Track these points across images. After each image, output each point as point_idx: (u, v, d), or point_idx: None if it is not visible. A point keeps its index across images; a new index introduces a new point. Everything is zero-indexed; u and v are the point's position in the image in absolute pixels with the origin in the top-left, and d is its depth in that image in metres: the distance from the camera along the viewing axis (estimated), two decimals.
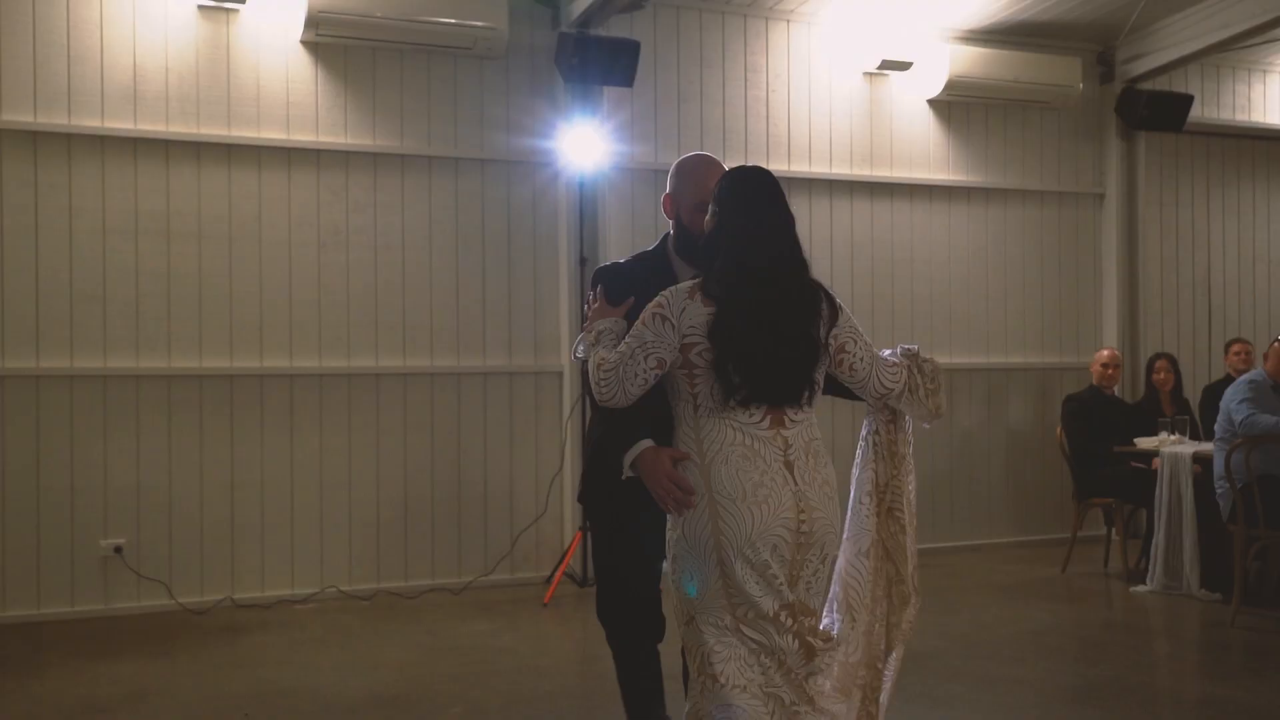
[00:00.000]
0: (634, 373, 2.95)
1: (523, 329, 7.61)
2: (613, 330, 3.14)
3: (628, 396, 2.98)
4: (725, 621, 2.96)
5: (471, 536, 7.44)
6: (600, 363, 3.02)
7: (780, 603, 2.96)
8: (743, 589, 2.92)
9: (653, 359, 2.94)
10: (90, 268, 6.70)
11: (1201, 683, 5.39)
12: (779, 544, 2.94)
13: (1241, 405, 6.31)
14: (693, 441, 2.98)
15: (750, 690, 2.95)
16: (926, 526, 8.57)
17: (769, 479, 2.94)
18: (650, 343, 2.94)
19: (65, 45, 6.66)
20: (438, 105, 7.45)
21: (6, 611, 6.48)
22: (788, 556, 2.96)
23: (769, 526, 2.92)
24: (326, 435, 7.15)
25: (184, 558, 6.83)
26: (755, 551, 2.91)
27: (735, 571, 2.92)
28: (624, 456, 3.07)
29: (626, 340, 2.99)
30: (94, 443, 6.68)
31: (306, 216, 7.15)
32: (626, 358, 2.95)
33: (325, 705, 4.90)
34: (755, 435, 2.96)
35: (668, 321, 2.93)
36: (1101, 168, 9.40)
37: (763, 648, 2.96)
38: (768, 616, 2.94)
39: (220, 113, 6.97)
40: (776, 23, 8.33)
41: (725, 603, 2.95)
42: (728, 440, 2.95)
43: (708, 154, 3.54)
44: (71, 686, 5.21)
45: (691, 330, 2.93)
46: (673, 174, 3.48)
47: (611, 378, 2.97)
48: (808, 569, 3.02)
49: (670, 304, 2.95)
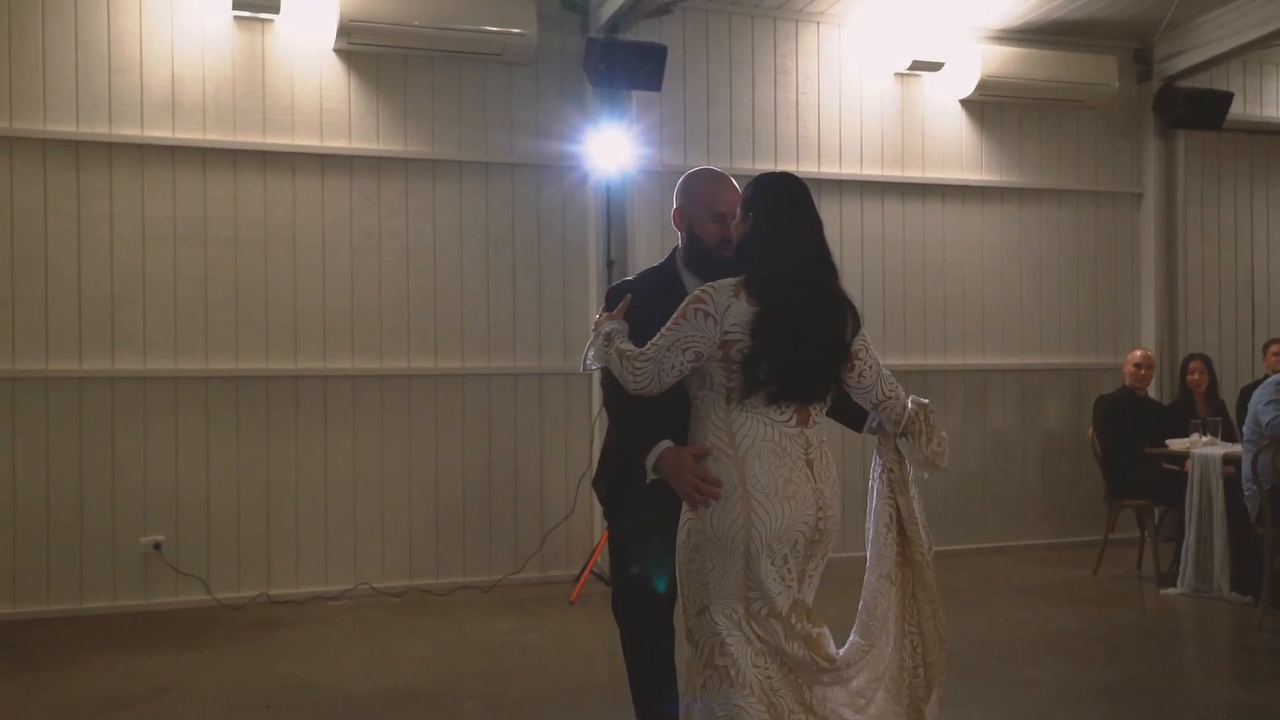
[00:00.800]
0: (671, 364, 3.03)
1: (552, 331, 7.72)
2: (620, 330, 3.23)
3: (661, 386, 3.07)
4: (739, 614, 3.03)
5: (502, 535, 7.56)
6: (631, 354, 3.10)
7: (791, 600, 3.04)
8: (763, 584, 3.00)
9: (691, 353, 3.03)
10: (130, 272, 6.89)
11: (1217, 686, 5.36)
12: (799, 540, 3.05)
13: (1269, 406, 6.25)
14: (724, 434, 3.05)
15: (757, 693, 3.01)
16: (958, 527, 8.62)
17: (796, 475, 3.05)
18: (690, 337, 3.02)
19: (106, 57, 6.87)
20: (468, 111, 7.57)
21: (51, 605, 6.69)
22: (802, 553, 3.07)
23: (794, 523, 3.02)
24: (360, 435, 7.30)
25: (221, 554, 7.01)
26: (781, 545, 3.02)
27: (760, 565, 3.00)
28: (646, 459, 3.15)
29: (664, 333, 3.05)
30: (134, 442, 6.87)
31: (340, 221, 7.31)
32: (664, 350, 3.03)
33: (345, 699, 5.03)
34: (784, 432, 3.06)
35: (710, 317, 3.01)
36: (1139, 167, 9.32)
37: (769, 648, 3.03)
38: (779, 615, 3.02)
39: (255, 120, 7.14)
40: (806, 25, 8.36)
41: (742, 595, 3.02)
42: (760, 435, 3.04)
43: (712, 168, 3.62)
44: (102, 678, 5.38)
45: (735, 327, 3.01)
46: (680, 189, 3.55)
47: (648, 368, 3.05)
48: (811, 565, 3.13)
49: (714, 300, 3.03)
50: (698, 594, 3.07)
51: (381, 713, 4.85)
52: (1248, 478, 6.34)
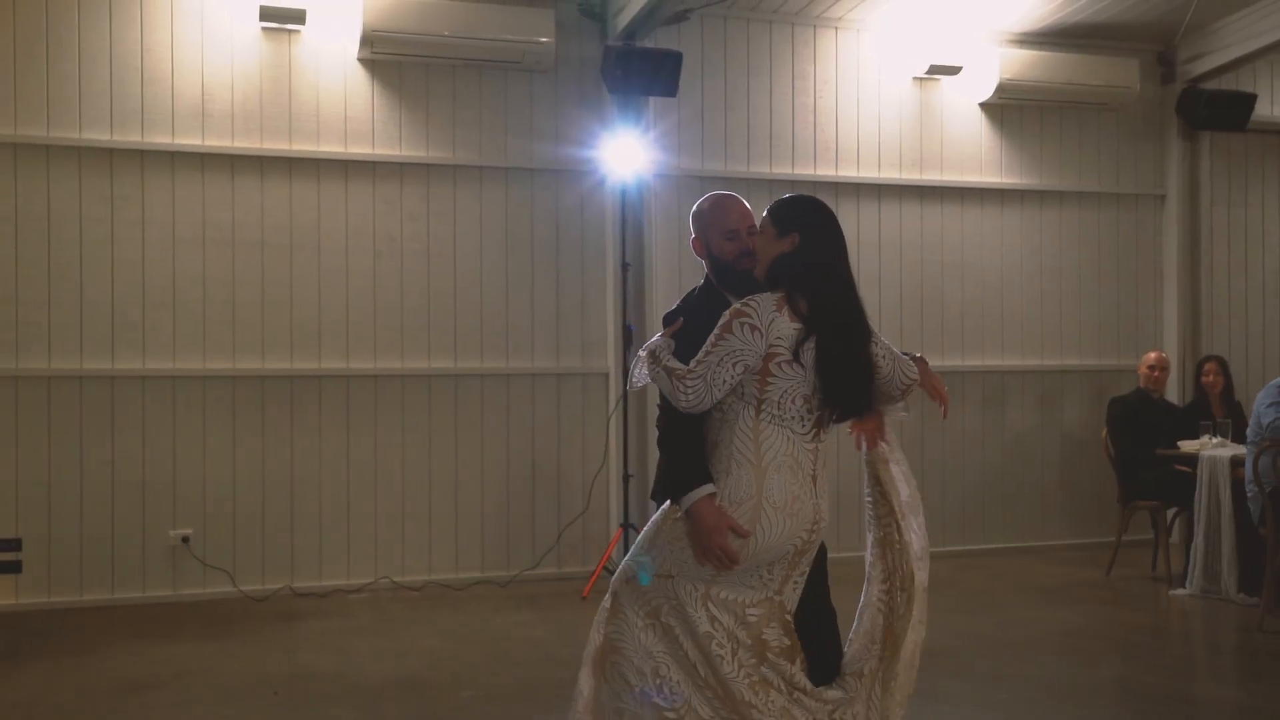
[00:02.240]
0: (722, 379, 3.10)
1: (570, 332, 7.89)
2: (666, 347, 3.29)
3: (712, 399, 3.14)
4: (700, 591, 3.16)
5: (519, 531, 7.75)
6: (680, 371, 3.15)
7: (763, 596, 3.17)
8: (732, 577, 3.14)
9: (740, 366, 3.10)
10: (161, 275, 7.16)
11: (1203, 684, 5.41)
12: (790, 551, 3.17)
13: (1269, 409, 6.29)
14: (750, 443, 3.14)
15: (677, 672, 3.16)
16: (976, 527, 8.68)
17: (803, 491, 3.16)
18: (738, 350, 3.10)
19: (139, 68, 7.14)
20: (488, 118, 7.77)
21: (84, 595, 6.98)
22: (789, 560, 3.19)
23: (791, 536, 3.15)
24: (381, 433, 7.52)
25: (246, 548, 7.26)
26: (770, 555, 3.14)
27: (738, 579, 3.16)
28: (684, 498, 3.17)
29: (711, 349, 3.12)
30: (164, 440, 7.14)
31: (363, 226, 7.53)
32: (715, 365, 3.11)
33: (350, 686, 5.23)
34: (801, 447, 3.17)
35: (756, 330, 3.10)
36: (1162, 169, 9.32)
37: (719, 628, 3.14)
38: (740, 603, 3.15)
39: (282, 128, 7.39)
40: (825, 30, 8.47)
41: (708, 579, 3.15)
42: (782, 449, 3.15)
43: (717, 191, 3.71)
44: (125, 664, 5.63)
45: (778, 341, 3.11)
46: (693, 218, 3.64)
47: (699, 385, 3.11)
48: (798, 570, 3.24)
49: (759, 314, 3.11)
50: (667, 560, 3.19)
51: (383, 700, 5.04)
52: (1249, 479, 6.37)
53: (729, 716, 3.14)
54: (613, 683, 3.24)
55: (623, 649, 3.23)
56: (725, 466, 3.16)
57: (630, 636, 3.22)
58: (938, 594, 7.13)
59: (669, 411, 3.31)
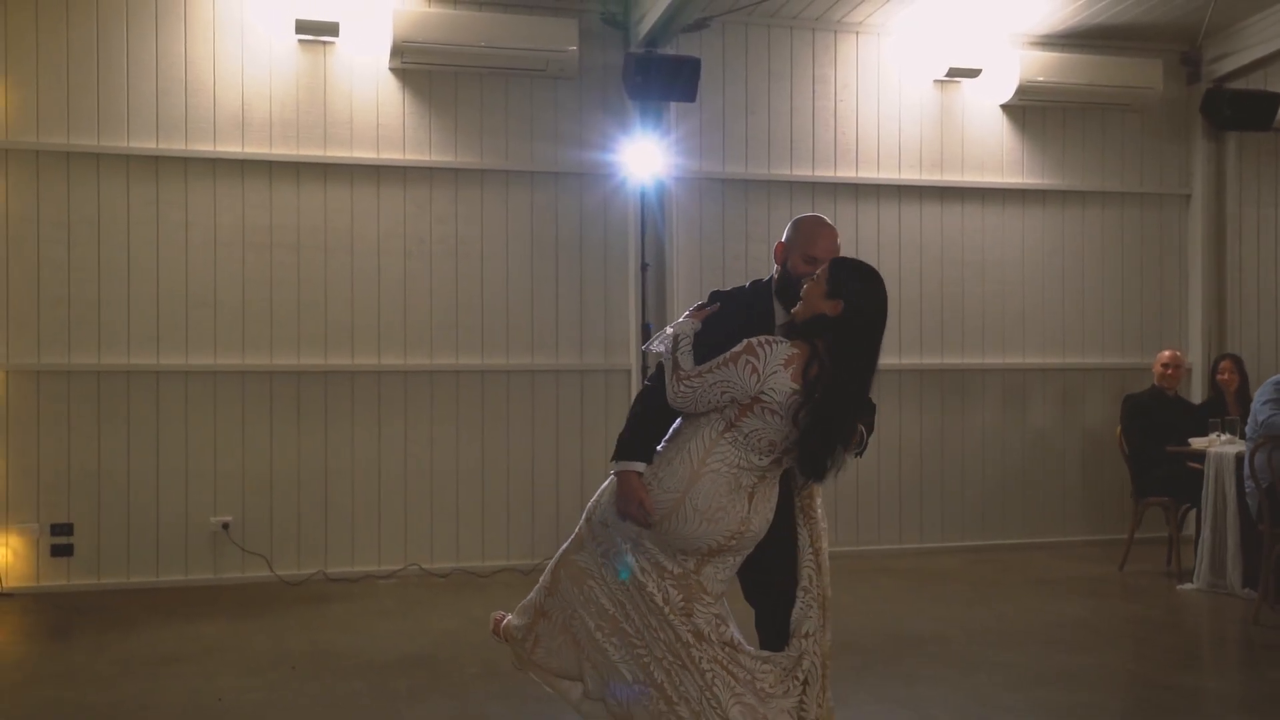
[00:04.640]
0: (709, 399, 3.42)
1: (593, 330, 8.18)
2: (688, 334, 3.57)
3: (695, 409, 3.48)
4: (629, 542, 3.53)
5: (543, 521, 8.05)
6: (683, 373, 3.46)
7: (680, 570, 3.51)
8: (660, 545, 3.51)
9: (727, 395, 3.40)
10: (203, 276, 7.57)
11: (1181, 672, 5.45)
12: (704, 547, 3.49)
13: (1265, 406, 6.40)
14: (702, 448, 3.45)
15: (592, 619, 3.59)
16: (996, 522, 8.82)
17: (732, 504, 3.45)
18: (732, 382, 3.38)
19: (183, 80, 7.55)
20: (515, 124, 8.08)
21: (131, 578, 7.40)
22: (702, 554, 3.51)
23: (706, 537, 3.47)
24: (411, 427, 7.87)
25: (283, 535, 7.64)
26: (683, 544, 3.49)
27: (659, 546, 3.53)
28: (617, 462, 3.58)
29: (715, 368, 3.41)
30: (205, 431, 7.55)
31: (394, 228, 7.88)
32: (708, 385, 3.41)
33: (363, 663, 5.57)
34: (750, 469, 3.46)
35: (756, 374, 3.36)
36: (1188, 169, 9.38)
37: (635, 582, 3.50)
38: (661, 566, 3.50)
39: (317, 135, 7.76)
40: (845, 35, 8.66)
41: (634, 538, 3.52)
42: (728, 464, 3.44)
43: (823, 216, 3.89)
44: (161, 640, 6.03)
45: (772, 393, 3.36)
46: (790, 226, 3.86)
47: (689, 395, 3.44)
48: (710, 565, 3.54)
49: (765, 362, 3.36)
50: (608, 512, 3.58)
51: (391, 675, 5.37)
52: (1247, 475, 6.48)
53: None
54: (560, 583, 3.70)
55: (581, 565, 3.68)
56: (671, 456, 3.49)
57: (587, 558, 3.66)
58: (946, 586, 7.36)
59: (658, 388, 3.59)
